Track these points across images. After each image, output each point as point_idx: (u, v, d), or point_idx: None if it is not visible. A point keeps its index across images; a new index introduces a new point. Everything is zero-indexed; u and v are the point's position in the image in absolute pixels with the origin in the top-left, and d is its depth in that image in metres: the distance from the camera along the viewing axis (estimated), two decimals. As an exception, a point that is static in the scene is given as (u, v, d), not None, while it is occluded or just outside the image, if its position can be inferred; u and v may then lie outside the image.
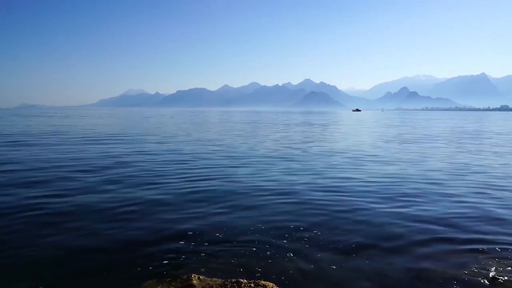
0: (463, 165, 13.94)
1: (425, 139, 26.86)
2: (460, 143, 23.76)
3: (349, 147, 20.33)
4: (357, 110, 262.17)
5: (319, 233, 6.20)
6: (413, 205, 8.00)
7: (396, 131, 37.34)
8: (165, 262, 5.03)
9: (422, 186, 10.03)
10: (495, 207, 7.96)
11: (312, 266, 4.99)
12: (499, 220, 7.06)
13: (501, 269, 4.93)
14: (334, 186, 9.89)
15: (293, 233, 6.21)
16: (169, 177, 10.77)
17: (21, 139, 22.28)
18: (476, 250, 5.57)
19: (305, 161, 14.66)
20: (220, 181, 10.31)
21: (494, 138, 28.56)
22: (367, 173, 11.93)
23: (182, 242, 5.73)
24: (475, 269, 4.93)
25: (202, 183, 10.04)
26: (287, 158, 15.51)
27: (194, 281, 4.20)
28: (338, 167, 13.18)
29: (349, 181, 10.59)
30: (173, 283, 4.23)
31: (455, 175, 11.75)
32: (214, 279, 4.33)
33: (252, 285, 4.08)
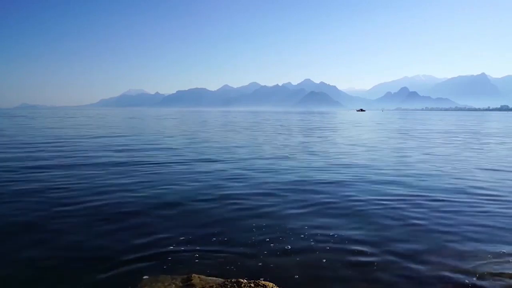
0: None
1: None
2: None
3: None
4: (361, 110, 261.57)
5: (320, 235, 6.21)
6: None
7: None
8: (165, 261, 5.04)
9: None
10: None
11: (313, 266, 5.00)
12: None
13: None
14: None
15: (296, 233, 6.22)
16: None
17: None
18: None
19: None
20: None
21: None
22: None
23: (182, 242, 5.73)
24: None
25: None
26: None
27: (194, 281, 4.20)
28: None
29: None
30: (173, 283, 4.23)
31: None
32: (214, 278, 4.33)
33: (252, 285, 4.07)
